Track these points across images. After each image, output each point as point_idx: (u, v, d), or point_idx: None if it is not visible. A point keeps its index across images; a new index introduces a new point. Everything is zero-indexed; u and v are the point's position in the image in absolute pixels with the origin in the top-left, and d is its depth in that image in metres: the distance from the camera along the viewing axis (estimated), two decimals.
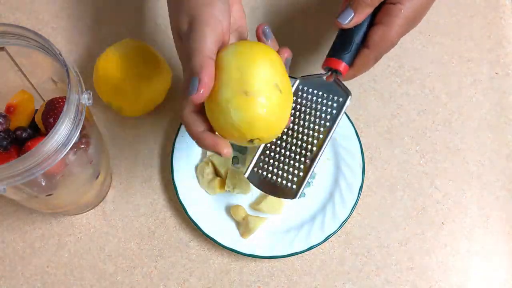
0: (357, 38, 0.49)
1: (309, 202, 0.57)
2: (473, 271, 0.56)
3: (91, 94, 0.41)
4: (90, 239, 0.57)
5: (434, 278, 0.56)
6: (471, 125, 0.61)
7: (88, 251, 0.56)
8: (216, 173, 0.58)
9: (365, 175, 0.57)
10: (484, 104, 0.62)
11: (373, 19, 0.49)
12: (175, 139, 0.58)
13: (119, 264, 0.56)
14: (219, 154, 0.42)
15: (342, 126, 0.58)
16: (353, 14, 0.48)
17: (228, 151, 0.42)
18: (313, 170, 0.49)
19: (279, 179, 0.50)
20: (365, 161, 0.58)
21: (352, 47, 0.49)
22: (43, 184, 0.45)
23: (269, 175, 0.51)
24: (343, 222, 0.55)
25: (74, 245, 0.56)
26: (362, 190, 0.57)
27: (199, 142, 0.43)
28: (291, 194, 0.49)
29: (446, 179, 0.59)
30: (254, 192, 0.58)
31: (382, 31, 0.48)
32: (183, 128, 0.58)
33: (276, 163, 0.51)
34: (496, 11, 0.65)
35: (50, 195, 0.47)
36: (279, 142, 0.51)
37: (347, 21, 0.48)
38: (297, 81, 0.51)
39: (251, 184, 0.57)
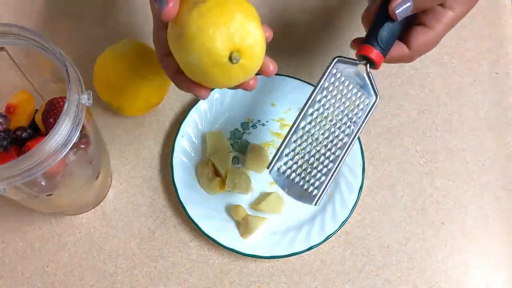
0: (399, 31, 0.46)
1: None
2: (473, 271, 0.56)
3: (91, 94, 0.41)
4: (90, 239, 0.57)
5: (434, 278, 0.56)
6: (471, 125, 0.61)
7: (88, 251, 0.56)
8: (216, 173, 0.58)
9: (365, 175, 0.57)
10: (484, 104, 0.62)
11: (417, 16, 0.46)
12: (175, 139, 0.58)
13: (119, 264, 0.56)
14: (198, 96, 0.42)
15: None
16: (411, 4, 0.44)
17: (205, 93, 0.42)
18: (334, 176, 0.46)
19: (301, 181, 0.47)
20: (365, 161, 0.58)
21: (392, 39, 0.46)
22: (43, 184, 0.45)
23: (292, 174, 0.47)
24: (343, 222, 0.55)
25: (74, 245, 0.56)
26: (362, 190, 0.57)
27: (176, 84, 0.43)
28: (312, 199, 0.47)
29: (446, 179, 0.59)
30: (254, 192, 0.58)
31: (426, 36, 0.46)
32: (183, 128, 0.58)
33: (300, 161, 0.46)
34: (496, 11, 0.65)
35: (50, 195, 0.47)
36: (305, 137, 0.47)
37: (400, 10, 0.44)
38: (334, 62, 0.46)
39: (251, 184, 0.57)
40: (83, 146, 0.46)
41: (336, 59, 0.46)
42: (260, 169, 0.58)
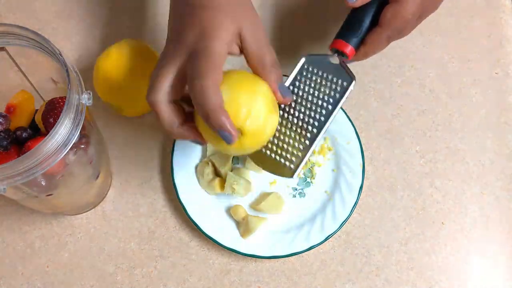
0: (367, 21, 0.48)
1: (309, 202, 0.57)
2: (473, 271, 0.56)
3: (91, 94, 0.42)
4: (90, 239, 0.57)
5: (434, 278, 0.56)
6: (471, 125, 0.61)
7: (88, 251, 0.56)
8: (216, 173, 0.58)
9: (365, 175, 0.57)
10: (484, 104, 0.62)
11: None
12: (175, 139, 0.58)
13: (119, 264, 0.56)
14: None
15: (342, 126, 0.58)
16: None
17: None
18: (311, 152, 0.48)
19: (277, 157, 0.49)
20: (365, 161, 0.58)
21: (362, 30, 0.49)
22: (43, 184, 0.45)
23: (268, 152, 0.50)
24: (343, 222, 0.55)
25: (74, 245, 0.56)
26: (362, 190, 0.57)
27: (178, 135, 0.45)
28: (289, 173, 0.48)
29: (446, 179, 0.59)
30: (254, 192, 0.58)
31: (393, 8, 0.47)
32: None
33: (276, 140, 0.49)
34: (496, 11, 0.65)
35: (50, 195, 0.47)
36: (280, 120, 0.50)
37: (353, 0, 0.48)
38: (303, 59, 0.50)
39: (251, 186, 0.57)
40: (83, 146, 0.46)
41: (304, 57, 0.50)
42: (260, 169, 0.58)
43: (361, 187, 0.56)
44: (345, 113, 0.58)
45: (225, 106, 0.42)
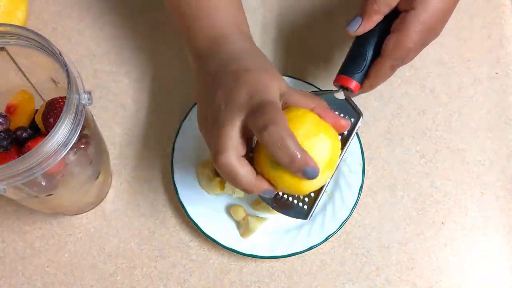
0: (370, 53, 0.48)
1: None
2: (473, 271, 0.56)
3: (91, 94, 0.42)
4: (90, 239, 0.57)
5: (434, 278, 0.56)
6: (471, 125, 0.61)
7: (88, 251, 0.56)
8: (216, 173, 0.58)
9: (365, 175, 0.57)
10: (484, 104, 0.62)
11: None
12: (175, 139, 0.58)
13: (119, 264, 0.56)
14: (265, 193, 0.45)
15: None
16: (361, 21, 0.48)
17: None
18: (324, 191, 0.48)
19: (290, 198, 0.49)
20: (365, 161, 0.58)
21: (366, 63, 0.49)
22: (43, 184, 0.45)
23: (281, 193, 0.49)
24: (343, 222, 0.55)
25: (74, 245, 0.56)
26: (362, 190, 0.57)
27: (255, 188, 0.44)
28: (303, 214, 0.48)
29: (446, 179, 0.59)
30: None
31: (396, 38, 0.47)
32: (183, 128, 0.58)
33: None
34: (496, 11, 0.65)
35: (50, 195, 0.47)
36: None
37: (355, 29, 0.48)
38: None
39: None
40: (83, 146, 0.46)
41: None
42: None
43: (361, 187, 0.56)
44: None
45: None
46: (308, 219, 0.48)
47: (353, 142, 0.57)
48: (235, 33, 0.50)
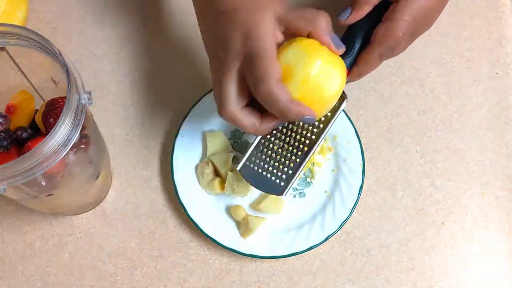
0: (359, 41, 0.49)
1: (309, 202, 0.57)
2: (473, 271, 0.56)
3: (91, 94, 0.42)
4: (90, 239, 0.57)
5: (434, 278, 0.56)
6: (471, 125, 0.61)
7: (88, 251, 0.56)
8: (216, 173, 0.58)
9: (365, 175, 0.57)
10: (484, 104, 0.62)
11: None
12: (175, 139, 0.58)
13: (119, 264, 0.56)
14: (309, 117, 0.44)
15: (342, 126, 0.58)
16: (351, 10, 0.48)
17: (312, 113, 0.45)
18: (302, 170, 0.49)
19: (268, 175, 0.51)
20: (365, 161, 0.58)
21: (354, 50, 0.49)
22: (43, 184, 0.45)
23: (260, 170, 0.51)
24: (343, 222, 0.55)
25: (74, 245, 0.56)
26: (362, 190, 0.57)
27: (288, 112, 0.44)
28: (278, 190, 0.50)
29: (446, 179, 0.59)
30: (254, 192, 0.58)
31: (385, 26, 0.48)
32: (183, 128, 0.58)
33: (267, 158, 0.51)
34: (496, 11, 0.65)
35: (50, 195, 0.47)
36: (272, 138, 0.51)
37: (345, 18, 0.49)
38: None
39: (249, 187, 0.57)
40: (83, 146, 0.46)
41: None
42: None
43: (361, 187, 0.56)
44: (345, 113, 0.58)
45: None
46: (283, 195, 0.50)
47: (353, 142, 0.58)
48: None
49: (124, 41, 0.63)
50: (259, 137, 0.52)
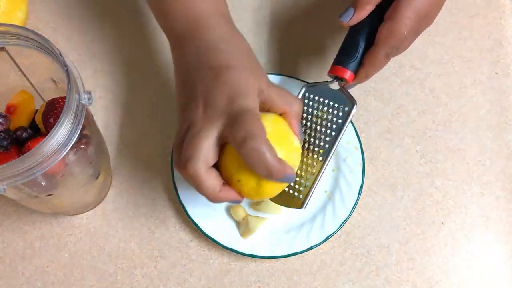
0: (363, 42, 0.49)
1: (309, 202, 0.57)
2: (473, 271, 0.56)
3: (91, 94, 0.42)
4: (90, 239, 0.57)
5: (434, 278, 0.56)
6: (471, 125, 0.61)
7: (88, 251, 0.56)
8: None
9: (365, 175, 0.57)
10: (484, 104, 0.62)
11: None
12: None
13: (119, 264, 0.56)
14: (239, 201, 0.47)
15: None
16: (353, 11, 0.48)
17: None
18: (319, 180, 0.49)
19: (286, 188, 0.50)
20: (365, 161, 0.58)
21: (358, 52, 0.49)
22: (43, 184, 0.45)
23: None
24: (343, 222, 0.55)
25: (74, 245, 0.56)
26: (362, 190, 0.57)
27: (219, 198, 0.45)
28: (298, 204, 0.49)
29: (446, 179, 0.59)
30: None
31: (389, 26, 0.47)
32: None
33: None
34: (496, 11, 0.65)
35: (50, 195, 0.47)
36: None
37: (348, 19, 0.48)
38: (303, 89, 0.51)
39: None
40: (83, 146, 0.46)
41: (304, 87, 0.51)
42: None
43: (361, 187, 0.56)
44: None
45: None
46: (304, 208, 0.49)
47: (353, 142, 0.58)
48: (214, 15, 0.48)
49: (124, 41, 0.63)
50: None
